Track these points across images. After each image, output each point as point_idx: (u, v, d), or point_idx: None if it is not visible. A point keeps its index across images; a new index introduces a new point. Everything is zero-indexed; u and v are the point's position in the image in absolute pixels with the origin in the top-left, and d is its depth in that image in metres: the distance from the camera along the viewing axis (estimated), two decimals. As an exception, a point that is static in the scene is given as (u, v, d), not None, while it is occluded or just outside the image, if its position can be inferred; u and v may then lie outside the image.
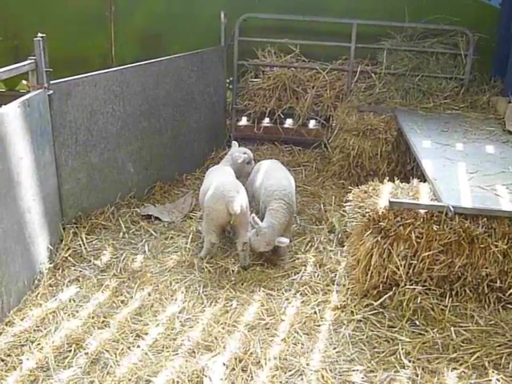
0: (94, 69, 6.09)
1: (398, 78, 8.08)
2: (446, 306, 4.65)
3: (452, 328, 4.47)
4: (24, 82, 5.33)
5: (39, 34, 5.08)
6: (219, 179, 5.55)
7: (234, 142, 6.55)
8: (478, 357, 4.22)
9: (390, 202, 4.54)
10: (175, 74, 7.10)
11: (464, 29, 7.90)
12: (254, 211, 5.75)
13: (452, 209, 4.45)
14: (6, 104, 4.73)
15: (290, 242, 5.78)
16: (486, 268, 4.58)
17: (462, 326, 4.51)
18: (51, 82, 5.28)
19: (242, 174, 6.26)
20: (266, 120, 8.85)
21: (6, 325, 4.44)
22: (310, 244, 5.90)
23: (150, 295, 4.96)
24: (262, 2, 8.47)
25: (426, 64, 8.10)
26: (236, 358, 4.17)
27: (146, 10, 8.68)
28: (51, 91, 5.27)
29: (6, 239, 4.47)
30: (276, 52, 8.51)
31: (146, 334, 4.45)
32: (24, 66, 5.03)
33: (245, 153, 6.26)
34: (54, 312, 4.65)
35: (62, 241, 5.61)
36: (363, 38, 8.03)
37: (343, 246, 5.75)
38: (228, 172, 5.93)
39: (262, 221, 5.38)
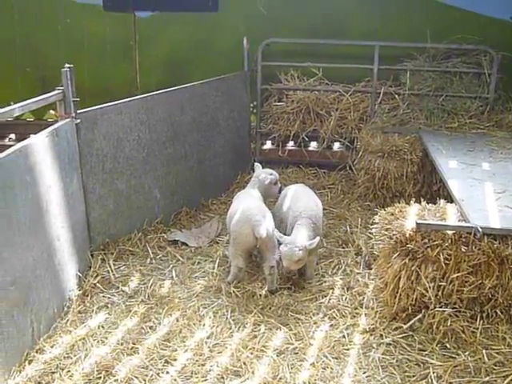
0: (119, 97, 6.16)
1: (422, 98, 8.06)
2: (477, 329, 4.57)
3: (484, 351, 4.40)
4: (52, 111, 5.41)
5: (66, 65, 5.18)
6: (246, 203, 5.57)
7: (256, 164, 6.54)
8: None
9: (417, 223, 4.50)
10: (200, 99, 7.18)
11: (487, 48, 7.87)
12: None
13: (480, 229, 4.40)
14: (34, 133, 4.82)
15: (317, 264, 5.76)
16: (517, 289, 4.52)
17: (493, 349, 4.43)
18: (78, 111, 5.36)
19: (270, 194, 6.27)
20: (291, 143, 8.87)
21: (37, 352, 4.47)
22: (337, 267, 5.86)
23: (177, 321, 4.96)
24: (284, 26, 8.54)
25: (449, 84, 8.07)
26: (265, 384, 4.16)
27: (170, 38, 8.83)
28: (78, 120, 5.35)
29: (36, 267, 4.53)
30: (299, 76, 8.56)
31: (175, 359, 4.45)
32: (52, 96, 5.13)
33: (271, 174, 6.27)
34: (83, 339, 4.68)
35: (90, 267, 5.65)
36: (386, 60, 8.06)
37: (371, 269, 5.71)
38: (255, 196, 5.95)
39: None
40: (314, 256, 5.59)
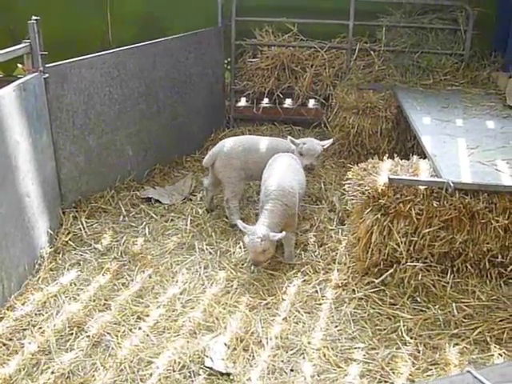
0: (91, 51, 5.99)
1: (398, 55, 8.01)
2: (448, 283, 4.63)
3: (453, 304, 4.47)
4: (19, 65, 5.25)
5: (33, 17, 5.02)
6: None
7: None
8: (480, 332, 4.23)
9: (389, 178, 4.50)
10: (172, 55, 7.05)
11: (463, 4, 7.79)
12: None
13: (452, 184, 4.41)
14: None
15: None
16: (487, 243, 4.56)
17: (463, 302, 4.51)
18: (47, 65, 5.22)
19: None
20: (265, 100, 8.79)
21: (8, 309, 4.45)
22: (310, 223, 5.87)
23: (150, 277, 4.96)
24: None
25: (425, 40, 8.01)
26: (237, 338, 4.18)
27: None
28: (47, 74, 5.22)
29: (5, 224, 4.46)
30: (274, 31, 8.42)
31: (147, 315, 4.46)
32: (19, 49, 4.98)
33: (305, 143, 5.91)
34: (55, 296, 4.66)
35: (61, 225, 5.60)
36: (362, 16, 7.94)
37: (344, 225, 5.74)
38: (239, 138, 6.16)
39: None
40: (292, 234, 5.23)
